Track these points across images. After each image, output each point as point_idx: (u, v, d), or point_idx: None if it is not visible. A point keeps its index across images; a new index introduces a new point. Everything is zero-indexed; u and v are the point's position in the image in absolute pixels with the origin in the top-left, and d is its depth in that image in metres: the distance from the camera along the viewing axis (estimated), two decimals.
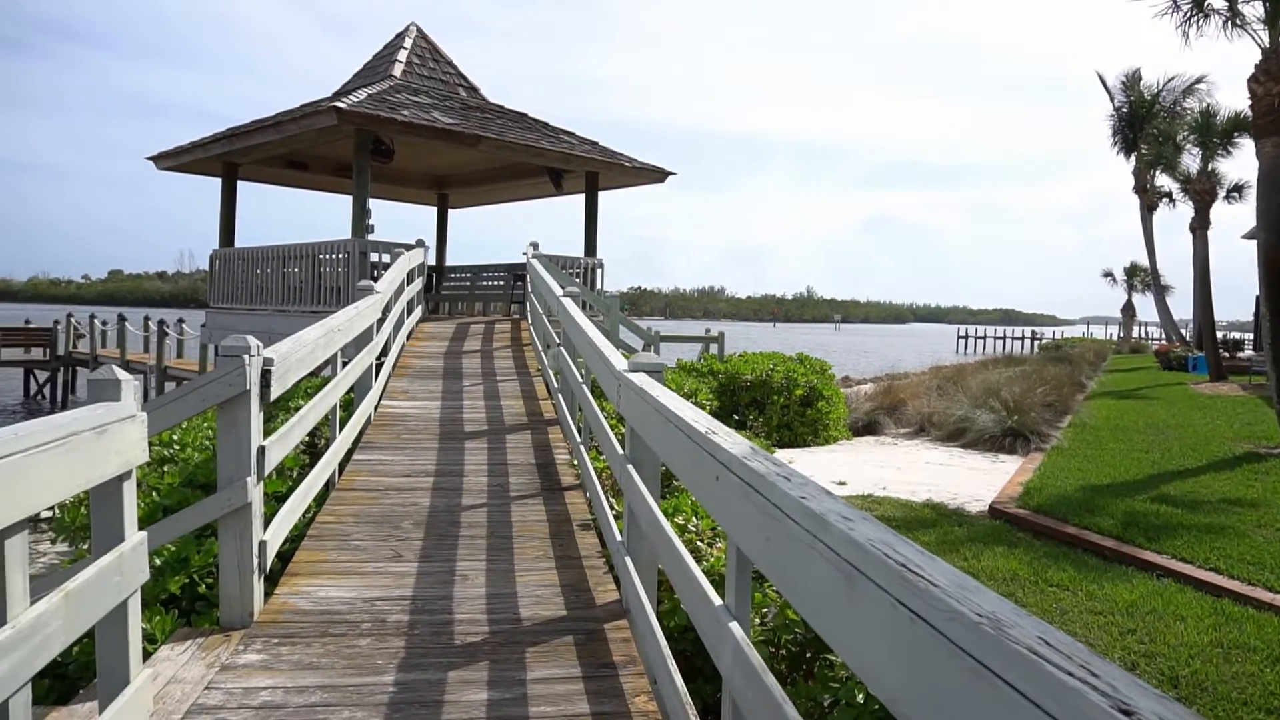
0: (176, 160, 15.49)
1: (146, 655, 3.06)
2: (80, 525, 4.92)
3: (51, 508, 3.68)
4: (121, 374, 2.26)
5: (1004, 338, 68.14)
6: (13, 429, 1.76)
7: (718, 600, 2.04)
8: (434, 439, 6.65)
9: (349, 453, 5.96)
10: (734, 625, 1.89)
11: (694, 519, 4.36)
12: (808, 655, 3.35)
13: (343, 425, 5.65)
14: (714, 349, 15.44)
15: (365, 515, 4.78)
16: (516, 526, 4.76)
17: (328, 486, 5.18)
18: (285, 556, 4.15)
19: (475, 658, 3.17)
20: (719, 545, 4.09)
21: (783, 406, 12.41)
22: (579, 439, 5.71)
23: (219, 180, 15.60)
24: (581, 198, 15.71)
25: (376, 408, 7.32)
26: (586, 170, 15.02)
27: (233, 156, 14.61)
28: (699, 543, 4.12)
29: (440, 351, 10.73)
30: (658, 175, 15.66)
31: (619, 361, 3.88)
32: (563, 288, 7.99)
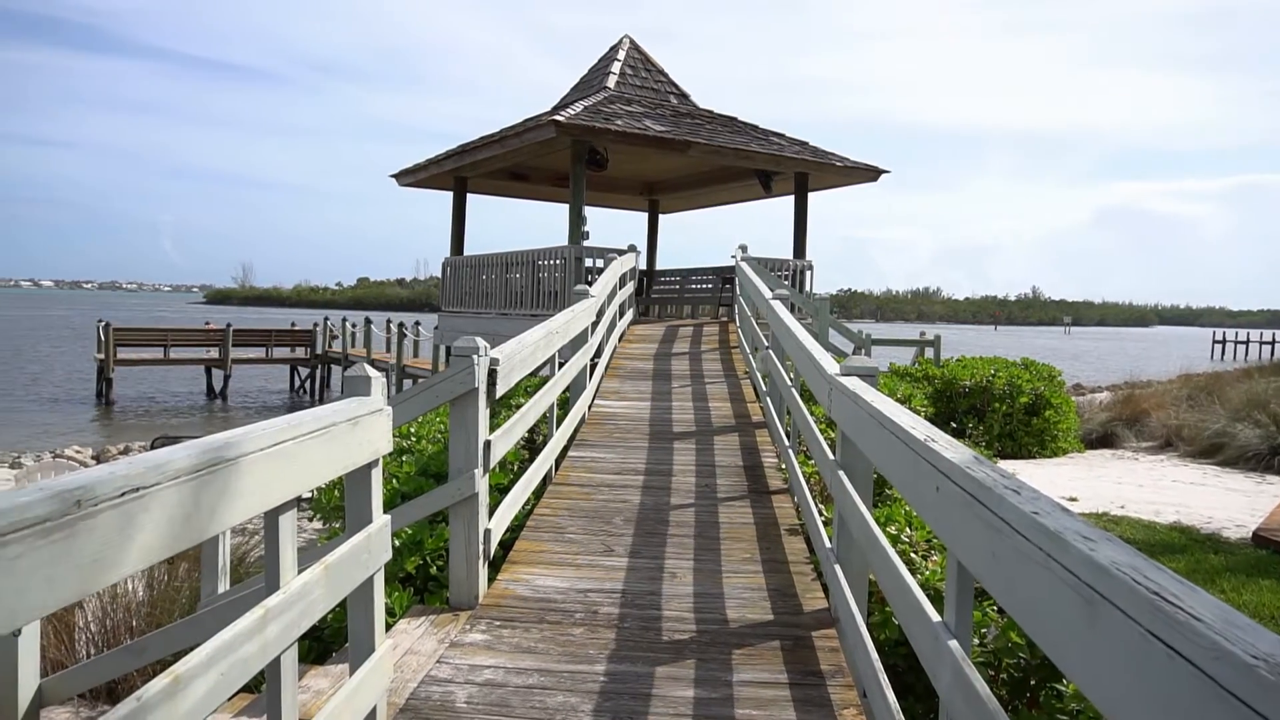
0: (414, 177, 16.91)
1: (387, 627, 3.36)
2: (333, 506, 5.48)
3: (311, 490, 4.12)
4: (372, 372, 2.50)
5: (1272, 343, 59.89)
6: (285, 419, 1.99)
7: (935, 616, 1.94)
8: (644, 438, 6.82)
9: (564, 449, 6.23)
10: (953, 644, 1.80)
11: (908, 529, 4.19)
12: (1032, 682, 3.12)
13: (559, 423, 5.92)
14: (929, 353, 14.74)
15: (579, 510, 4.99)
16: (724, 528, 4.78)
17: (545, 481, 5.45)
18: (506, 545, 4.41)
19: (682, 655, 3.21)
20: (934, 558, 3.90)
21: (1005, 415, 11.65)
22: (787, 443, 5.65)
23: (450, 193, 16.87)
24: (791, 199, 15.54)
25: (590, 407, 7.61)
26: (796, 171, 14.83)
27: (462, 171, 15.74)
28: (913, 554, 3.95)
29: (650, 353, 10.99)
30: (870, 174, 15.19)
31: (830, 365, 3.80)
32: (771, 290, 7.93)
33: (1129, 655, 1.00)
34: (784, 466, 5.88)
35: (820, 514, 4.25)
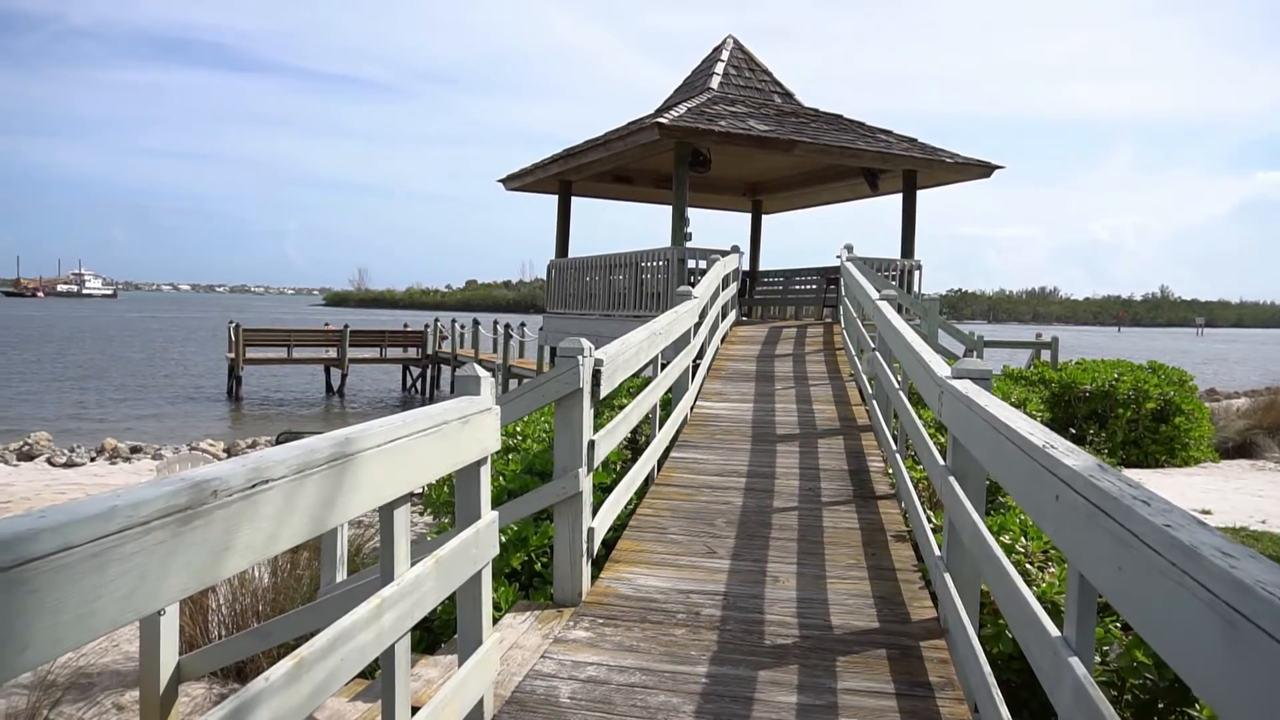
0: (521, 181, 17.28)
1: (494, 621, 3.45)
2: (443, 502, 5.66)
3: (422, 485, 4.26)
4: (481, 372, 2.57)
5: None
6: (400, 417, 2.06)
7: (1054, 631, 1.86)
8: (746, 440, 6.77)
9: (666, 450, 6.25)
10: (1074, 660, 1.71)
11: (1023, 539, 4.02)
12: (1160, 705, 2.95)
13: (661, 424, 5.94)
14: (1046, 355, 14.11)
15: (681, 510, 4.99)
16: (828, 532, 4.70)
17: (647, 481, 5.48)
18: (609, 544, 4.46)
19: (785, 660, 3.17)
20: (1052, 570, 3.73)
21: (1129, 421, 11.04)
22: (894, 447, 5.51)
23: (555, 197, 17.17)
24: (898, 198, 15.15)
25: (692, 408, 7.61)
26: (904, 169, 14.45)
27: (567, 174, 15.99)
28: (1028, 565, 3.79)
29: (753, 355, 10.91)
30: (982, 170, 14.66)
31: (940, 368, 3.68)
32: (878, 291, 7.76)
33: (1276, 681, 0.93)
34: (890, 471, 5.74)
35: (929, 520, 4.13)
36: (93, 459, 15.40)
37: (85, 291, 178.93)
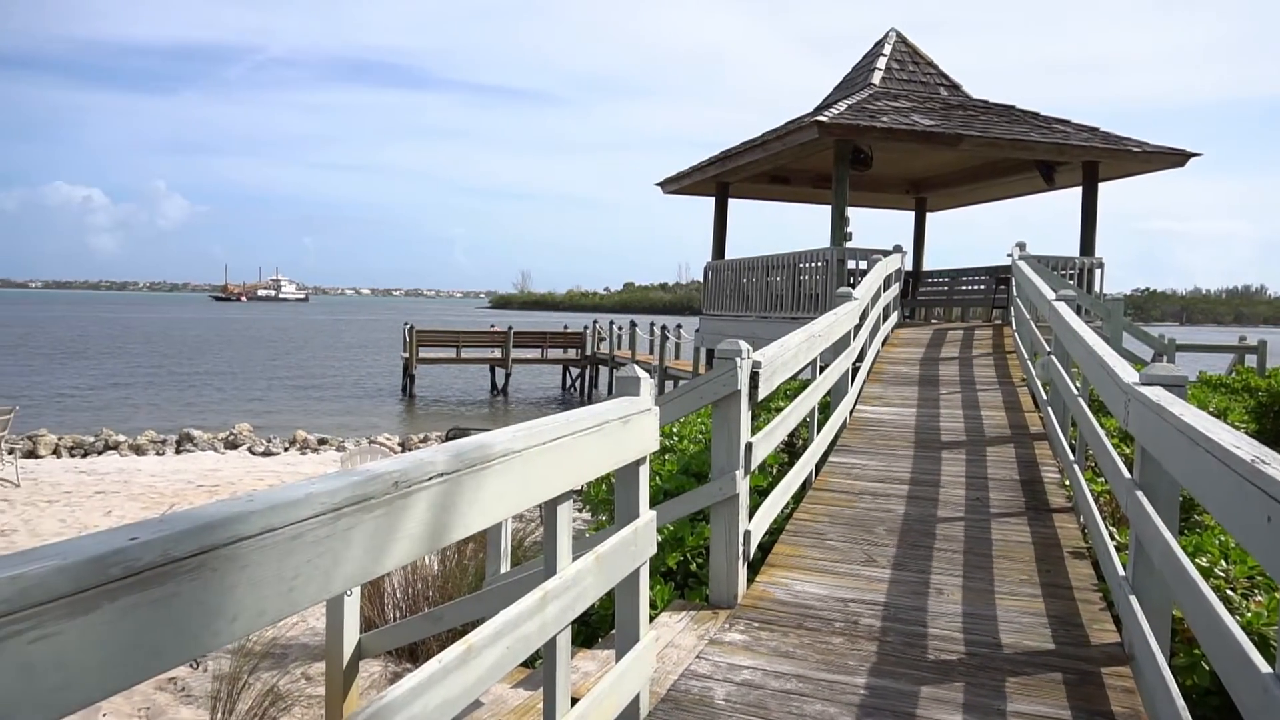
0: (678, 184, 17.42)
1: (650, 619, 3.49)
2: (601, 500, 5.79)
3: (583, 483, 4.38)
4: (641, 373, 2.61)
5: None
6: (564, 415, 2.13)
7: (1265, 666, 1.68)
8: (908, 446, 6.54)
9: (824, 455, 6.13)
10: None
11: (1223, 562, 3.67)
12: None
13: (819, 428, 5.84)
14: (1250, 360, 12.81)
15: (839, 517, 4.88)
16: (997, 545, 4.46)
17: (804, 486, 5.39)
18: (765, 548, 4.42)
19: (949, 676, 3.04)
20: (1259, 598, 3.38)
21: None
22: (1072, 457, 5.16)
23: (712, 199, 17.19)
24: (1075, 192, 14.19)
25: (851, 412, 7.43)
26: (1083, 161, 13.51)
27: (724, 176, 15.98)
28: (1229, 591, 3.45)
29: (916, 358, 10.52)
30: (1176, 159, 13.49)
31: (1127, 373, 3.42)
32: (1054, 291, 7.29)
33: None
34: (1068, 483, 5.38)
35: (1111, 537, 3.84)
36: (286, 449, 16.82)
37: (281, 296, 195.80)
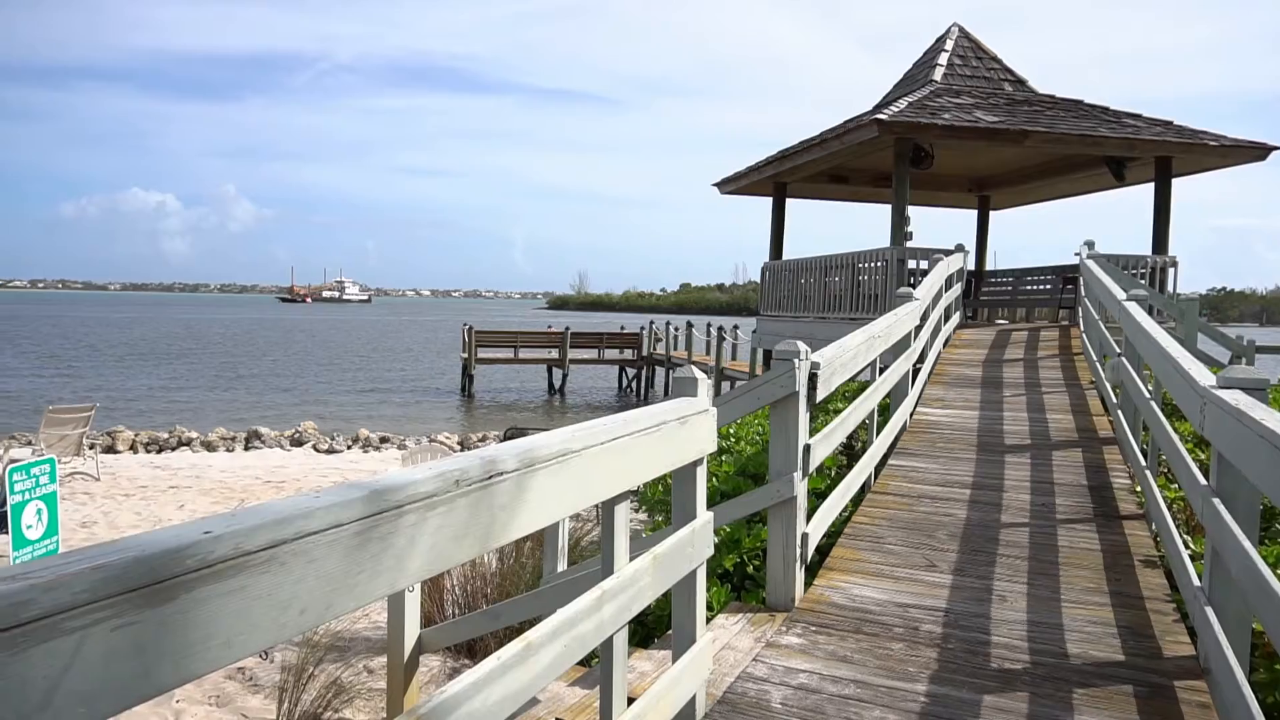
0: (735, 184, 17.34)
1: (706, 620, 3.49)
2: (657, 500, 5.80)
3: (640, 483, 4.40)
4: (699, 374, 2.61)
5: None
6: (621, 416, 2.14)
7: None
8: (970, 450, 6.41)
9: (884, 458, 6.04)
10: None
11: None
12: None
13: (879, 430, 5.75)
14: None
15: (898, 520, 4.81)
16: (1063, 552, 4.34)
17: (863, 489, 5.32)
18: (822, 551, 4.37)
19: (1012, 686, 2.97)
20: None
21: None
22: (1143, 462, 5.00)
23: (769, 199, 17.07)
24: (1146, 188, 13.73)
25: (912, 414, 7.31)
26: (1156, 156, 13.06)
27: (782, 176, 15.85)
28: None
29: (978, 359, 10.30)
30: (1256, 153, 12.95)
31: (1203, 376, 3.30)
32: (1124, 290, 7.07)
33: None
34: (1139, 489, 5.21)
35: (1186, 546, 3.71)
36: (349, 447, 17.20)
37: (345, 297, 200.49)
